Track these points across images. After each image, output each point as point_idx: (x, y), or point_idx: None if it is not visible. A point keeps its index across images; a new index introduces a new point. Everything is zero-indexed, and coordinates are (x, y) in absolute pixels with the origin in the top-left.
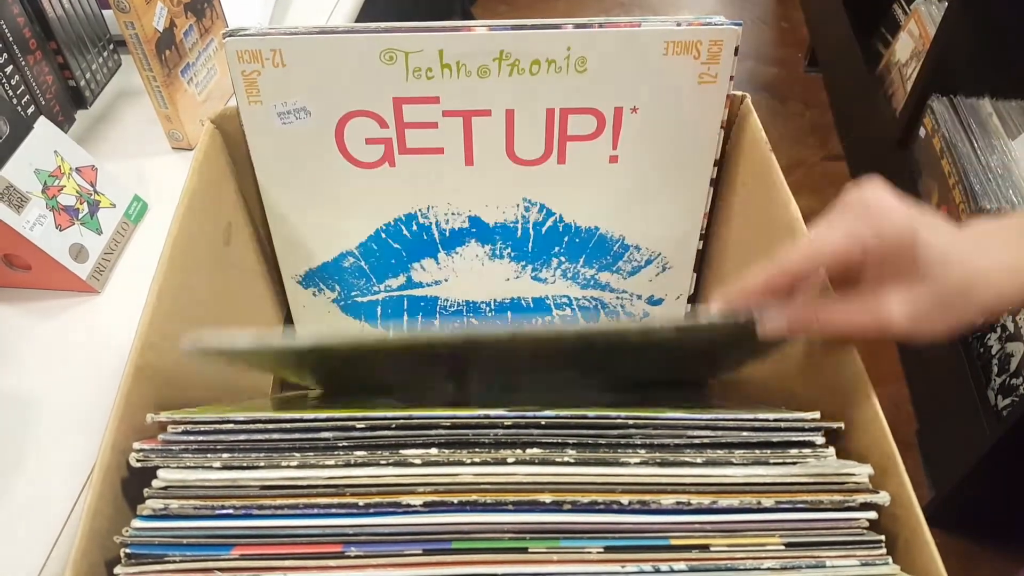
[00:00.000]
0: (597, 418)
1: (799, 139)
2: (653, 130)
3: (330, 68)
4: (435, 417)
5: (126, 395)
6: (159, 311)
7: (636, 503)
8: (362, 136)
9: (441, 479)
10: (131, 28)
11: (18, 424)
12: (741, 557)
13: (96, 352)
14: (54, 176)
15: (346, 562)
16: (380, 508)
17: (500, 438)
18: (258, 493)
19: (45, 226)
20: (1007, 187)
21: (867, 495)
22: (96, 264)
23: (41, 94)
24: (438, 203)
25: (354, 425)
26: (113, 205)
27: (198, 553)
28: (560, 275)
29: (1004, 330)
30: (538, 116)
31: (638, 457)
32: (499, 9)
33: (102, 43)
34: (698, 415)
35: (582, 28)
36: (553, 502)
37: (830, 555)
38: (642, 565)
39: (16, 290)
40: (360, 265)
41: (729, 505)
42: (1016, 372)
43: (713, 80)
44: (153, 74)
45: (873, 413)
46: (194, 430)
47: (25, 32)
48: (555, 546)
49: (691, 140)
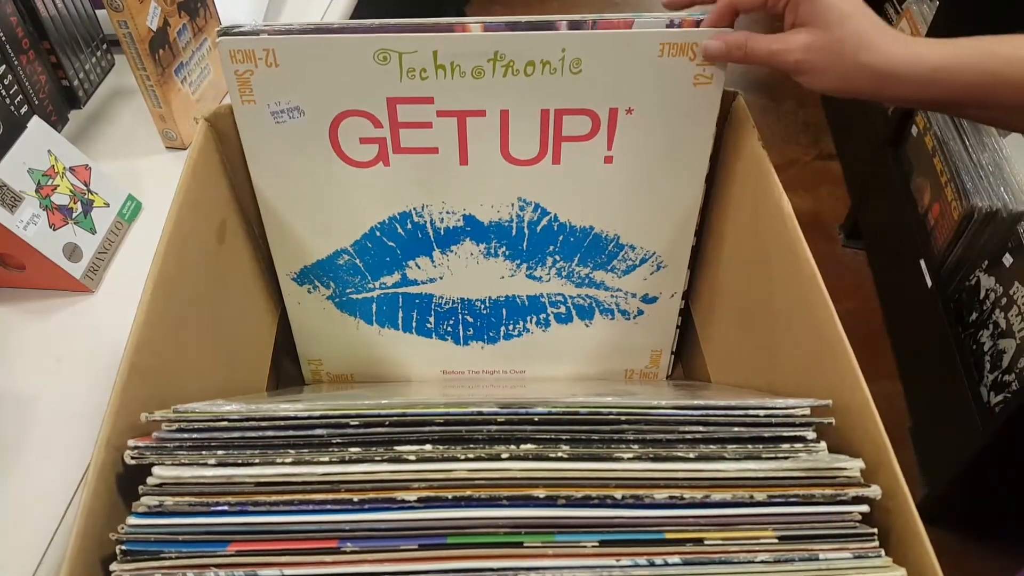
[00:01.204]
0: (590, 414)
1: (792, 137)
2: (648, 131)
3: (323, 68)
4: (429, 414)
5: (120, 393)
6: (153, 309)
7: (630, 498)
8: (356, 135)
9: (435, 475)
10: (124, 27)
11: (13, 423)
12: (735, 550)
13: (90, 351)
14: (48, 176)
15: (342, 557)
16: (375, 504)
17: (494, 434)
18: (253, 490)
19: (39, 226)
20: (998, 184)
21: (859, 489)
22: (90, 263)
23: (34, 94)
24: (433, 202)
25: (348, 422)
26: (107, 204)
27: (194, 550)
28: (555, 273)
29: (996, 327)
30: (533, 117)
31: (631, 452)
32: (494, 9)
33: (95, 42)
34: (690, 411)
35: (577, 29)
36: (547, 497)
37: (823, 548)
38: (637, 559)
39: (10, 290)
40: (355, 262)
41: (722, 499)
42: (1008, 369)
43: (708, 81)
44: (147, 73)
45: (866, 407)
46: (188, 427)
47: (18, 31)
48: (550, 540)
49: (686, 141)
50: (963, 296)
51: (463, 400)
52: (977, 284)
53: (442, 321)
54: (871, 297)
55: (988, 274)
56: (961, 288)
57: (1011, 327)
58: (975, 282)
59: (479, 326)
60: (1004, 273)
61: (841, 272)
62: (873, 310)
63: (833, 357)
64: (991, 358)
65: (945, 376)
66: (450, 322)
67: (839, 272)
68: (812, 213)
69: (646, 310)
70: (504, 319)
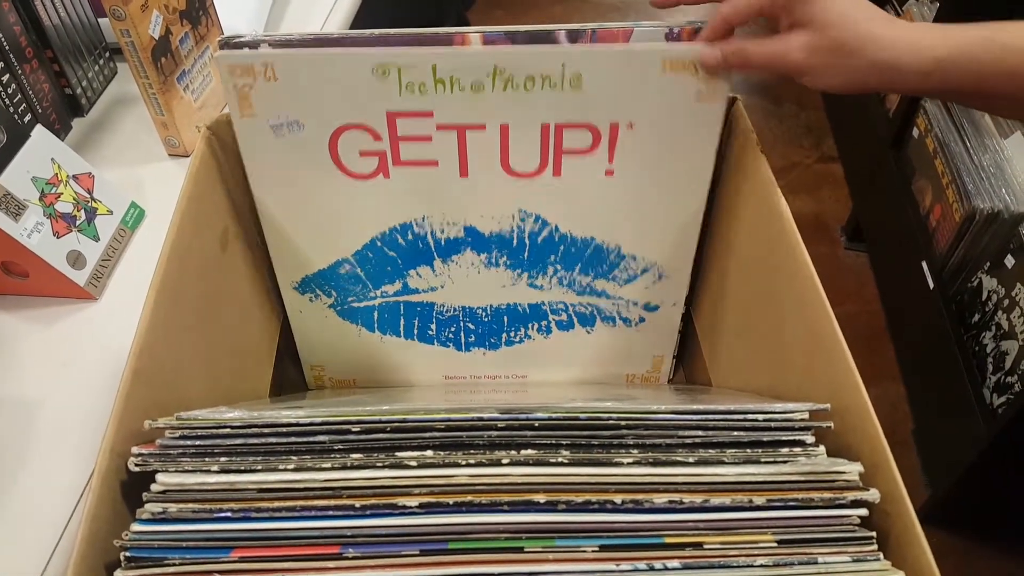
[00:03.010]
0: (589, 419)
1: (794, 140)
2: (650, 146)
3: (322, 82)
4: (430, 420)
5: (124, 400)
6: (156, 316)
7: (630, 502)
8: (356, 148)
9: (437, 480)
10: (127, 36)
11: (17, 430)
12: (734, 554)
13: (94, 358)
14: (51, 184)
15: (344, 563)
16: (377, 510)
17: (494, 440)
18: (256, 496)
19: (43, 233)
20: (1000, 186)
21: (857, 492)
22: (94, 271)
23: (38, 102)
24: (433, 213)
25: (350, 428)
26: (110, 212)
27: (197, 556)
28: (556, 282)
29: (999, 329)
30: (533, 130)
31: (631, 457)
32: (495, 14)
33: (98, 51)
34: (689, 415)
35: (576, 39)
36: (548, 502)
37: (822, 552)
38: (637, 563)
39: (14, 297)
40: (356, 272)
41: (721, 503)
42: (1011, 370)
43: (711, 97)
44: (149, 81)
45: (864, 411)
46: (191, 435)
47: (21, 40)
48: (550, 545)
49: (688, 156)
50: (965, 298)
51: (464, 406)
52: (979, 286)
53: (444, 328)
54: (873, 299)
55: (990, 275)
56: (963, 290)
57: (1013, 328)
58: (977, 284)
59: (480, 333)
60: (1006, 274)
61: (843, 274)
62: (875, 312)
63: (831, 361)
64: (993, 360)
65: (948, 378)
66: (452, 329)
67: (841, 274)
68: (814, 215)
69: (648, 317)
70: (505, 326)
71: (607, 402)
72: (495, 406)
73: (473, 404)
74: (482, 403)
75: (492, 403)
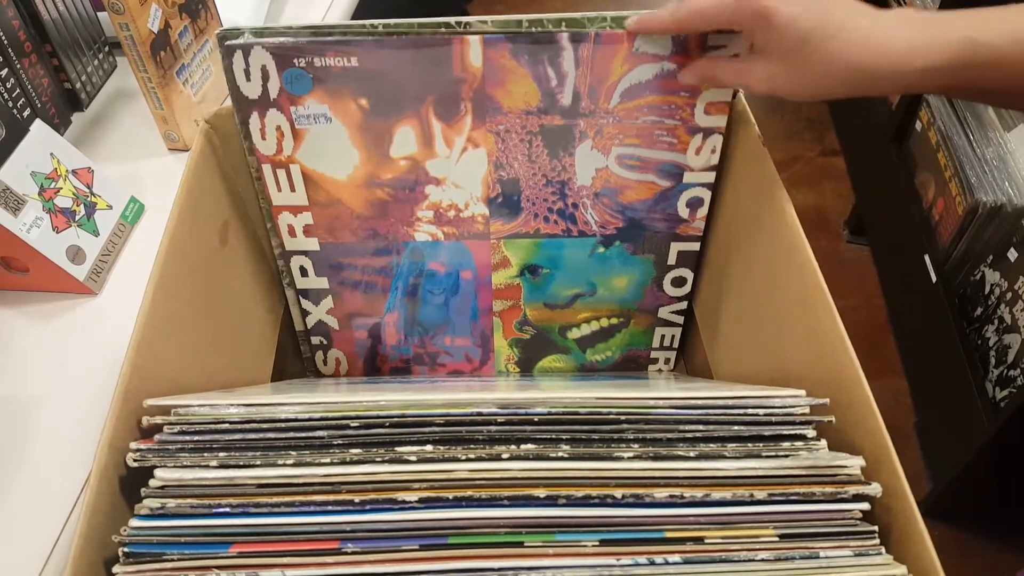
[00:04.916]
0: (590, 414)
1: (796, 134)
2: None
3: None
4: (429, 415)
5: (123, 395)
6: (156, 311)
7: (630, 497)
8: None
9: (436, 475)
10: (126, 30)
11: (16, 425)
12: (735, 549)
13: (93, 353)
14: (50, 178)
15: (343, 558)
16: (376, 505)
17: (494, 434)
18: (255, 491)
19: (42, 228)
20: (1003, 179)
21: (859, 486)
22: (93, 266)
23: (37, 97)
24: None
25: (349, 423)
26: (110, 207)
27: (196, 551)
28: None
29: (1001, 322)
30: None
31: (631, 451)
32: (496, 8)
33: (97, 45)
34: (690, 410)
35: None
36: (548, 497)
37: (823, 546)
38: (637, 558)
39: (14, 292)
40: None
41: (722, 498)
42: (1014, 363)
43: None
44: (148, 75)
45: (866, 405)
46: (190, 430)
47: (20, 35)
48: (550, 540)
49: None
50: (968, 291)
51: (463, 400)
52: (982, 279)
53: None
54: (875, 293)
55: (993, 269)
56: (966, 283)
57: (1016, 322)
58: (980, 277)
59: None
60: (1009, 268)
61: (845, 268)
62: (877, 306)
63: (833, 355)
64: (996, 353)
65: (950, 371)
66: None
67: (843, 268)
68: (816, 209)
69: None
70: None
71: (606, 390)
72: (494, 400)
73: (472, 399)
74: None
75: (492, 395)
